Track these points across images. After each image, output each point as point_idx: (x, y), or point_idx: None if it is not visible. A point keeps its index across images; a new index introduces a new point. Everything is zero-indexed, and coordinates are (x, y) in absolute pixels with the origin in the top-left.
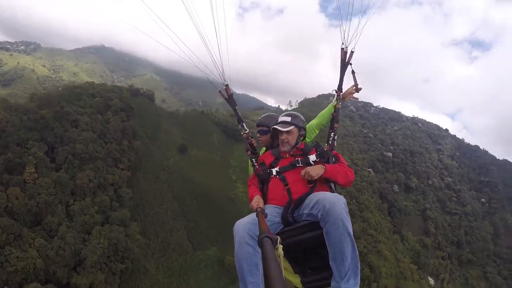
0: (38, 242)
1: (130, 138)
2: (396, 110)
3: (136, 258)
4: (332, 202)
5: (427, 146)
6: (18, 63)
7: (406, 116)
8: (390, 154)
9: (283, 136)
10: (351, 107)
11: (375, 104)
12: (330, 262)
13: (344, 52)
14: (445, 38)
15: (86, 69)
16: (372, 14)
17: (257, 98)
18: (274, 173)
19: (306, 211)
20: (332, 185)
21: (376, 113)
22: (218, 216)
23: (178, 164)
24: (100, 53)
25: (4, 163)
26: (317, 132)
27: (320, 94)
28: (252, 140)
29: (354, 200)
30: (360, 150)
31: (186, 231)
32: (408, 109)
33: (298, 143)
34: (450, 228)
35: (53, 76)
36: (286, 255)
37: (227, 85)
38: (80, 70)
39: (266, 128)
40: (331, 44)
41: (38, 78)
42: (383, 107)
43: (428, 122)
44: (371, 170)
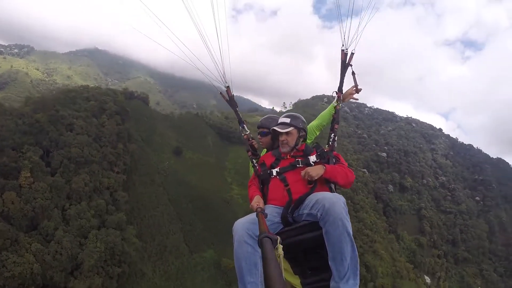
0: (35, 247)
1: (125, 142)
2: (390, 111)
3: (133, 261)
4: (331, 201)
5: (421, 145)
6: (11, 66)
7: (400, 116)
8: (384, 154)
9: (282, 137)
10: (345, 108)
11: (369, 105)
12: (329, 262)
13: (344, 53)
14: (438, 38)
15: (79, 72)
16: (373, 15)
17: (251, 100)
18: (274, 173)
19: (306, 211)
20: (332, 185)
21: (370, 113)
22: (214, 218)
23: (173, 167)
24: (94, 56)
25: None
26: (317, 133)
27: (314, 95)
28: (253, 141)
29: (349, 201)
30: (354, 151)
31: (182, 234)
32: (402, 109)
33: (298, 144)
34: (445, 227)
35: (46, 79)
36: (286, 255)
37: (228, 86)
38: (74, 73)
39: (266, 130)
40: (325, 45)
41: (31, 81)
42: (377, 108)
43: (421, 122)
44: (365, 170)
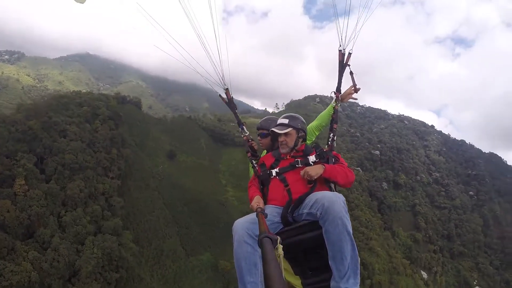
0: (32, 255)
1: (119, 147)
2: (382, 109)
3: (130, 266)
4: (331, 200)
5: (414, 142)
6: (2, 73)
7: (392, 114)
8: (377, 152)
9: (281, 138)
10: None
11: (361, 104)
12: (329, 262)
13: (341, 53)
14: (428, 36)
15: (71, 77)
16: (370, 14)
17: (243, 102)
18: (274, 174)
19: (305, 211)
20: (332, 185)
21: (362, 112)
22: (209, 221)
23: (167, 170)
24: (85, 60)
25: None
26: (317, 133)
27: (307, 95)
28: (252, 142)
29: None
30: (347, 150)
31: (178, 237)
32: (394, 107)
33: (297, 144)
34: (440, 222)
35: (38, 85)
36: (286, 255)
37: (227, 89)
38: (65, 78)
39: (266, 131)
40: (316, 46)
41: (23, 87)
42: (369, 106)
43: (414, 119)
44: (359, 169)
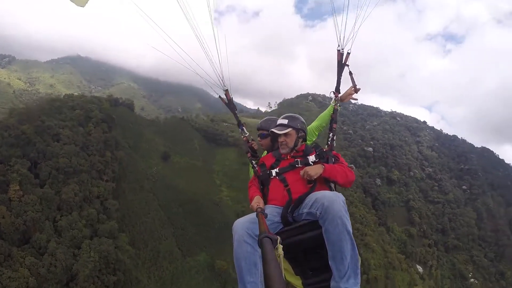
0: (29, 261)
1: (112, 149)
2: (375, 106)
3: (128, 269)
4: (330, 200)
5: (407, 139)
6: None
7: (384, 111)
8: (370, 149)
9: (281, 139)
10: None
11: (353, 101)
12: (329, 261)
13: (340, 53)
14: (419, 33)
15: (62, 80)
16: (369, 14)
17: (236, 101)
18: (274, 174)
19: (305, 210)
20: (332, 185)
21: (355, 109)
22: (204, 221)
23: (161, 172)
24: (76, 63)
25: None
26: (317, 134)
27: (299, 94)
28: (253, 142)
29: None
30: (341, 147)
31: (174, 239)
32: (386, 104)
33: (297, 144)
34: (434, 217)
35: (29, 89)
36: (286, 255)
37: (227, 90)
38: (57, 81)
39: (266, 132)
40: (307, 45)
41: (14, 91)
42: (362, 104)
43: (406, 115)
44: (353, 166)
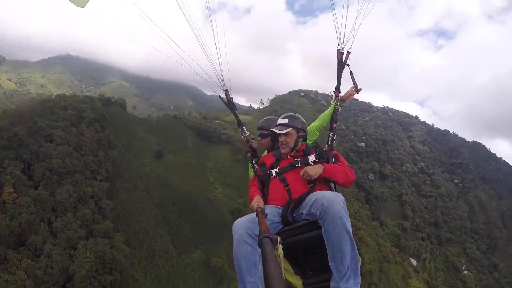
0: (25, 263)
1: (106, 149)
2: (367, 101)
3: (124, 268)
4: (330, 200)
5: (399, 134)
6: None
7: (376, 107)
8: (363, 144)
9: (281, 138)
10: (322, 101)
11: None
12: (329, 262)
13: (340, 53)
14: (411, 28)
15: (53, 80)
16: (369, 12)
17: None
18: (274, 174)
19: (305, 210)
20: (332, 185)
21: (347, 105)
22: (199, 219)
23: (155, 170)
24: (67, 62)
25: None
26: (318, 134)
27: (291, 90)
28: (253, 141)
29: None
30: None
31: (169, 237)
32: (378, 99)
33: (297, 144)
34: (427, 210)
35: (20, 89)
36: (286, 255)
37: (226, 90)
38: (47, 81)
39: (266, 132)
40: (299, 41)
41: (5, 92)
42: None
43: (398, 110)
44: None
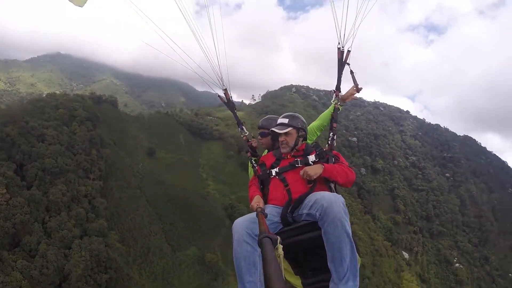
0: (20, 264)
1: (98, 147)
2: (358, 96)
3: (119, 266)
4: (330, 201)
5: (390, 128)
6: None
7: (367, 101)
8: (355, 139)
9: (282, 138)
10: (313, 96)
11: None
12: (328, 263)
13: (340, 51)
14: (401, 24)
15: (43, 79)
16: (369, 10)
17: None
18: (274, 173)
19: (305, 211)
20: (332, 185)
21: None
22: (193, 215)
23: (147, 168)
24: (56, 61)
25: None
26: (318, 133)
27: (282, 86)
28: (253, 140)
29: None
30: (325, 138)
31: (163, 234)
32: (370, 94)
33: (297, 144)
34: (419, 204)
35: (10, 89)
36: (286, 255)
37: (225, 89)
38: (37, 80)
39: (266, 131)
40: (290, 36)
41: None
42: None
43: (389, 105)
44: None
